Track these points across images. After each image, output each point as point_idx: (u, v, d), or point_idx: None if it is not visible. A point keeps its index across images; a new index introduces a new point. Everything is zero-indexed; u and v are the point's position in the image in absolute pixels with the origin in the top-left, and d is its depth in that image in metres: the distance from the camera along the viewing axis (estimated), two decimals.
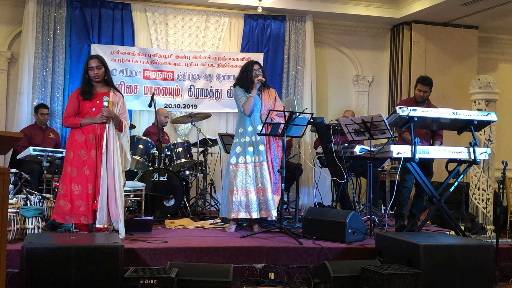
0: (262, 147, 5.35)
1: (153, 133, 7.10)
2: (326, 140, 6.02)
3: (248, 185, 5.32)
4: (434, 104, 6.09)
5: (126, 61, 7.92)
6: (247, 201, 5.32)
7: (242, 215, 5.34)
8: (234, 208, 5.35)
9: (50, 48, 7.63)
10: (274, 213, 5.30)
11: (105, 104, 4.70)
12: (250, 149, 5.36)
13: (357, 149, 5.58)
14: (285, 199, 7.25)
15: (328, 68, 9.00)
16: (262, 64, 5.83)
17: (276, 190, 5.39)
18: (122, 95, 5.01)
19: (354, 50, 9.05)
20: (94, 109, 4.74)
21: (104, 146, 4.69)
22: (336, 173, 5.91)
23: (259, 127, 5.39)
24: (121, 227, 4.70)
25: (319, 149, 6.78)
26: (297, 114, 5.23)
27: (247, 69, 5.49)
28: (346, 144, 5.90)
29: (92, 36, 7.79)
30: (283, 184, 5.25)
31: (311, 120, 5.83)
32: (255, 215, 5.31)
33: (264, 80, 5.40)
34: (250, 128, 5.43)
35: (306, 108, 7.18)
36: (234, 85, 5.61)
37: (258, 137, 5.36)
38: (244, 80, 5.46)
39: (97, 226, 4.64)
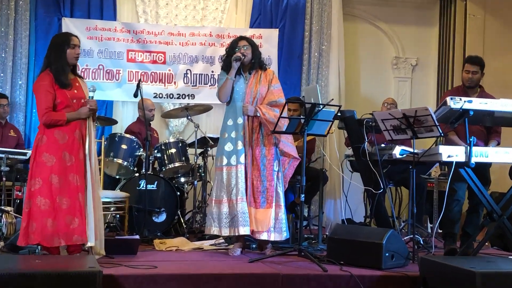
0: (240, 146, 5.37)
1: (137, 132, 7.10)
2: (357, 140, 6.01)
3: (221, 194, 5.39)
4: (494, 94, 6.05)
5: (106, 40, 7.97)
6: (219, 213, 5.39)
7: (213, 230, 5.42)
8: (208, 221, 5.48)
9: (11, 23, 7.68)
10: (244, 231, 5.30)
11: (91, 94, 4.77)
12: (228, 148, 5.42)
13: (397, 151, 5.56)
14: (305, 213, 7.24)
15: (360, 48, 8.98)
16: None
17: (265, 201, 5.38)
18: None
19: (393, 25, 9.03)
20: (75, 101, 4.77)
21: (87, 147, 4.75)
22: (371, 181, 5.89)
23: (240, 120, 5.43)
24: (99, 244, 4.76)
25: (349, 151, 6.76)
26: (321, 106, 5.22)
27: (231, 46, 5.52)
28: (383, 145, 5.88)
29: (63, 8, 7.84)
30: (303, 196, 5.24)
31: (339, 114, 5.82)
32: (225, 232, 5.36)
33: (243, 57, 5.38)
34: (230, 122, 5.48)
35: (333, 99, 7.14)
36: (221, 68, 5.66)
37: (236, 134, 5.40)
38: (226, 60, 5.50)
39: (89, 244, 4.68)
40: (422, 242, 5.93)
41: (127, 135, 6.87)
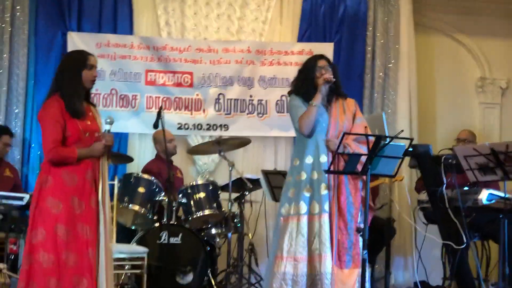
0: (324, 190, 5.35)
1: (157, 172, 7.18)
2: (434, 182, 5.98)
3: (299, 249, 5.31)
4: None
5: (120, 58, 8.12)
6: (295, 274, 5.30)
7: None
8: (275, 283, 5.32)
9: (6, 38, 7.87)
10: None
11: (107, 127, 4.78)
12: (307, 192, 5.36)
13: (484, 196, 5.52)
14: (369, 274, 7.21)
15: (436, 67, 9.00)
16: (331, 60, 5.85)
17: (351, 260, 5.35)
18: None
19: (477, 38, 9.04)
20: (87, 134, 4.79)
21: (100, 191, 4.75)
22: (451, 234, 5.85)
23: (323, 158, 5.40)
24: None
25: (423, 195, 6.74)
26: (388, 139, 5.22)
27: (308, 67, 5.51)
28: (466, 188, 5.84)
29: (69, 20, 8.01)
30: (366, 252, 5.23)
31: (410, 149, 5.81)
32: None
33: (335, 81, 5.42)
34: (309, 159, 5.42)
35: (402, 131, 7.16)
36: (289, 93, 5.66)
37: (319, 174, 5.35)
38: (303, 84, 5.49)
39: None
40: None
41: (145, 176, 6.94)
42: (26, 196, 6.43)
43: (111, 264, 4.84)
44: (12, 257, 6.56)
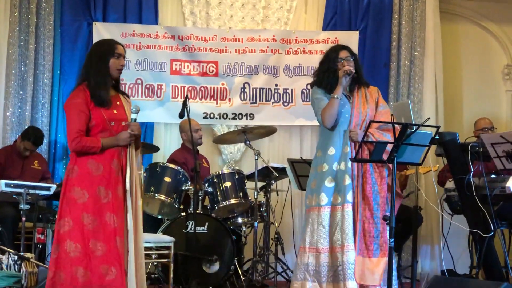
0: (347, 181, 5.33)
1: (182, 162, 7.21)
2: (460, 170, 5.95)
3: (321, 241, 5.33)
4: None
5: (145, 48, 8.17)
6: (317, 265, 5.31)
7: (309, 285, 5.32)
8: (299, 274, 5.37)
9: (31, 30, 7.93)
10: (353, 285, 5.23)
11: (134, 116, 4.75)
12: (329, 183, 5.36)
13: (511, 184, 5.48)
14: (395, 263, 7.19)
15: (462, 55, 8.96)
16: (354, 51, 5.82)
17: (379, 248, 5.34)
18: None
19: (504, 25, 8.98)
20: (113, 123, 4.78)
21: (127, 180, 4.72)
22: (478, 222, 5.82)
23: (346, 149, 5.38)
24: None
25: (450, 184, 6.71)
26: (415, 127, 5.20)
27: (329, 58, 5.50)
28: (493, 176, 5.80)
29: (94, 11, 8.09)
30: (393, 240, 5.21)
31: (437, 137, 5.78)
32: (327, 287, 5.29)
33: (354, 72, 5.38)
34: (331, 151, 5.42)
35: (429, 118, 7.11)
36: (311, 85, 5.65)
37: (343, 165, 5.35)
38: (325, 76, 5.47)
39: None
40: None
41: (171, 166, 6.96)
42: (53, 186, 6.47)
43: (141, 253, 4.80)
44: (40, 247, 6.61)
